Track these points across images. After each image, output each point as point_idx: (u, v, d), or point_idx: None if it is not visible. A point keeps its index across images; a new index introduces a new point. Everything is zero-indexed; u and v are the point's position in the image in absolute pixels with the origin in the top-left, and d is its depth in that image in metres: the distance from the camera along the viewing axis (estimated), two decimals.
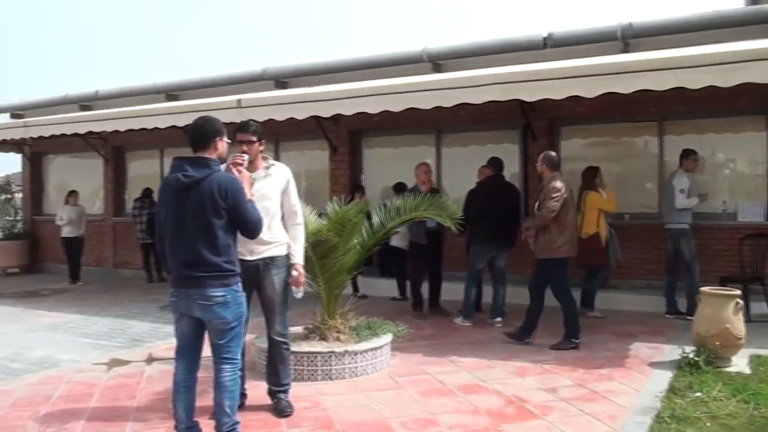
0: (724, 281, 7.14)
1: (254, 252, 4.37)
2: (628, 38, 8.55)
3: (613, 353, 6.09)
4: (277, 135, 10.97)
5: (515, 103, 7.65)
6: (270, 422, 4.40)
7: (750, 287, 7.31)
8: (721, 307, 5.50)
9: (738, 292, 5.67)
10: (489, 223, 7.43)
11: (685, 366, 5.32)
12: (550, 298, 6.50)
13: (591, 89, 6.09)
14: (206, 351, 3.87)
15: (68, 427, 4.38)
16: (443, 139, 10.34)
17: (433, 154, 10.31)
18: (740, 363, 5.52)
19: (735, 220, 8.31)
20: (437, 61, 9.89)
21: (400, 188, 9.04)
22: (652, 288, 8.30)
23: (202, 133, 3.81)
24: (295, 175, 4.79)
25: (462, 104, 6.86)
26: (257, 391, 4.80)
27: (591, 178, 7.79)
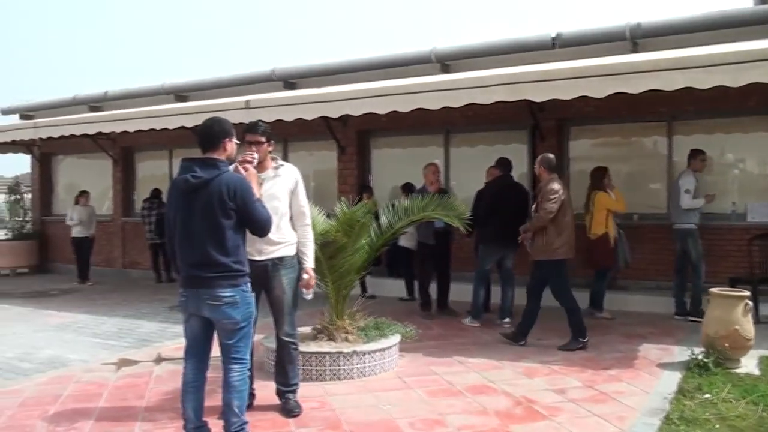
0: (734, 282, 7.10)
1: (263, 252, 4.38)
2: (637, 38, 8.53)
3: (622, 354, 6.07)
4: (286, 135, 11.00)
5: (524, 103, 7.64)
6: (278, 422, 4.41)
7: (759, 288, 7.26)
8: (730, 309, 5.47)
9: (747, 294, 5.65)
10: (497, 224, 7.41)
11: (694, 367, 5.30)
12: (551, 300, 6.49)
13: (600, 89, 6.07)
14: (215, 351, 3.88)
15: (77, 426, 4.40)
16: (451, 139, 10.34)
17: (442, 154, 10.30)
18: (749, 364, 5.50)
19: (744, 221, 8.28)
20: (445, 62, 9.89)
21: (408, 188, 9.02)
22: (662, 289, 8.27)
23: (211, 134, 3.83)
24: (304, 176, 4.80)
25: (470, 104, 6.84)
26: (266, 391, 4.81)
27: (599, 178, 7.77)
